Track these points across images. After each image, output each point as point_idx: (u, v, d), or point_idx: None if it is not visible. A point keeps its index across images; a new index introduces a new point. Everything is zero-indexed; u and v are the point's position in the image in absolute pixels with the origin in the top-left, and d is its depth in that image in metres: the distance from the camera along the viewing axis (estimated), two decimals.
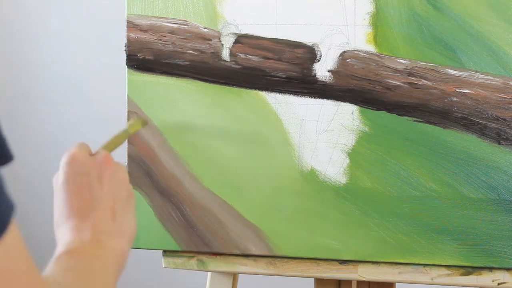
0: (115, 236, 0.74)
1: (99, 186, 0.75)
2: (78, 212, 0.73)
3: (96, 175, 0.75)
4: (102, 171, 0.76)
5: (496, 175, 0.92)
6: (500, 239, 0.92)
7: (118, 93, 1.33)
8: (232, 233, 0.98)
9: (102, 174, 0.76)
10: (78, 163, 0.75)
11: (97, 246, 0.71)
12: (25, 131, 1.88)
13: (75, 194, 0.73)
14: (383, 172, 0.94)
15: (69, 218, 0.72)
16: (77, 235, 0.71)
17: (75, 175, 0.74)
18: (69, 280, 0.65)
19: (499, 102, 0.91)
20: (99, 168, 0.76)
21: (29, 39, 1.86)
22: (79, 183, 0.74)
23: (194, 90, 0.98)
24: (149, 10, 0.98)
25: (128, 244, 0.76)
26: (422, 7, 0.92)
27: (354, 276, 0.97)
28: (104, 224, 0.73)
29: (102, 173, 0.76)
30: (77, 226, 0.72)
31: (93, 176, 0.75)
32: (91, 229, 0.72)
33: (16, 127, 1.87)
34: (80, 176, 0.74)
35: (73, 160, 0.75)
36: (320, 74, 0.95)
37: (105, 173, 0.76)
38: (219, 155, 0.98)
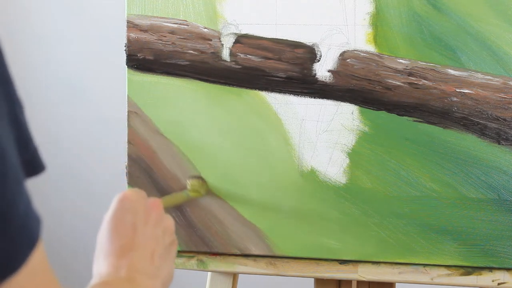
0: (150, 278, 0.74)
1: (143, 227, 0.76)
2: (118, 250, 0.74)
3: (142, 216, 0.76)
4: (149, 214, 0.77)
5: (496, 175, 0.92)
6: (500, 239, 0.92)
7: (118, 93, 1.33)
8: (232, 233, 0.98)
9: (149, 216, 0.77)
10: (128, 201, 0.76)
11: (131, 282, 0.72)
12: None
13: (119, 231, 0.74)
14: (383, 172, 0.94)
15: (109, 255, 0.73)
16: (113, 272, 0.72)
17: (123, 211, 0.75)
18: None
19: (499, 102, 0.91)
20: (147, 211, 0.77)
21: (29, 39, 1.86)
22: (125, 220, 0.75)
23: (194, 90, 0.98)
24: (149, 10, 0.98)
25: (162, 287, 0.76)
26: (422, 7, 0.92)
27: (354, 276, 0.97)
28: (142, 264, 0.74)
29: (149, 216, 0.77)
30: (114, 264, 0.73)
31: (139, 216, 0.76)
32: (127, 267, 0.72)
33: None
34: (127, 213, 0.75)
35: (124, 198, 0.76)
36: (320, 74, 0.95)
37: (152, 216, 0.77)
38: (219, 155, 0.98)
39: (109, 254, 0.73)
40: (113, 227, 0.74)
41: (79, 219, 1.94)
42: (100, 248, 0.74)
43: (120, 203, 0.76)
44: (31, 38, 1.86)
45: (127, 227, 0.74)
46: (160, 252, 0.77)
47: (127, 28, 0.98)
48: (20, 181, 0.49)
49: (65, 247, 1.96)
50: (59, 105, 1.88)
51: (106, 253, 0.73)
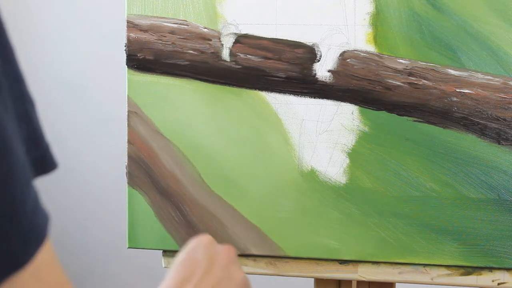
0: None
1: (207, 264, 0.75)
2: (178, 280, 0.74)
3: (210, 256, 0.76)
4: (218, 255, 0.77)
5: (496, 175, 0.92)
6: (500, 239, 0.92)
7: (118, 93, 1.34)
8: (232, 233, 0.98)
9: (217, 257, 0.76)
10: (200, 241, 0.76)
11: None
12: None
13: (184, 265, 0.74)
14: (383, 172, 0.94)
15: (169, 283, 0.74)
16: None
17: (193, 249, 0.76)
18: None
19: (499, 102, 0.91)
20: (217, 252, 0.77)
21: (29, 39, 1.86)
22: (192, 256, 0.75)
23: (194, 90, 0.98)
24: (149, 10, 0.98)
25: None
26: (422, 7, 0.92)
27: (354, 276, 0.97)
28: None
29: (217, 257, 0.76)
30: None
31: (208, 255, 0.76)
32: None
33: None
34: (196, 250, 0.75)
35: (198, 238, 0.76)
36: (320, 74, 0.95)
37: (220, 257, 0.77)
38: (219, 155, 0.98)
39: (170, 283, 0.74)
40: (181, 262, 0.75)
41: (79, 218, 1.94)
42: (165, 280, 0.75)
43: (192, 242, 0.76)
44: (31, 38, 1.86)
45: (193, 263, 0.75)
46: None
47: (127, 28, 0.98)
48: (28, 179, 0.49)
49: (65, 246, 1.96)
50: (59, 105, 1.88)
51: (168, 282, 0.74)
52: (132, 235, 1.00)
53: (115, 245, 1.91)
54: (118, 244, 1.74)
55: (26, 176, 0.49)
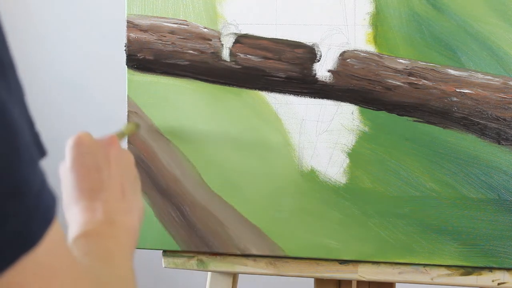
0: (126, 214, 0.74)
1: (106, 166, 0.75)
2: (87, 193, 0.73)
3: (103, 156, 0.75)
4: (109, 151, 0.76)
5: (496, 175, 0.92)
6: (500, 239, 0.92)
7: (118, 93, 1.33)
8: (232, 233, 0.98)
9: (109, 154, 0.76)
10: (84, 145, 0.75)
11: (111, 225, 0.71)
12: None
13: (83, 175, 0.73)
14: (383, 172, 0.94)
15: (79, 199, 0.73)
16: (89, 216, 0.71)
17: (81, 156, 0.74)
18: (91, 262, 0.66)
19: (499, 102, 0.91)
20: (106, 149, 0.76)
21: (29, 39, 1.86)
22: (86, 164, 0.74)
23: (194, 90, 0.98)
24: (149, 10, 0.98)
25: (138, 221, 0.76)
26: (422, 7, 0.92)
27: (354, 276, 0.97)
28: (115, 203, 0.73)
29: (109, 154, 0.76)
30: (88, 207, 0.72)
31: (100, 157, 0.75)
32: (102, 209, 0.72)
33: None
34: (87, 156, 0.74)
35: (79, 142, 0.75)
36: (320, 74, 0.95)
37: (111, 153, 0.76)
38: (219, 155, 0.98)
39: (80, 197, 0.72)
40: (76, 172, 0.73)
41: None
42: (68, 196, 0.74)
43: (76, 148, 0.75)
44: (31, 38, 1.86)
45: (90, 169, 0.74)
46: (128, 187, 0.76)
47: (127, 28, 0.98)
48: (34, 159, 0.49)
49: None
50: (59, 105, 1.88)
51: (77, 197, 0.72)
52: None
53: None
54: None
55: (31, 156, 0.49)
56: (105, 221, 0.71)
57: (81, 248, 0.68)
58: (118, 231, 0.72)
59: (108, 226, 0.71)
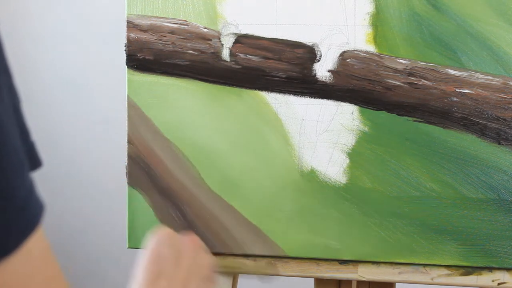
0: None
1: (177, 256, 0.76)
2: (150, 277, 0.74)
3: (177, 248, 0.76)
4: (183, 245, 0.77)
5: (496, 175, 0.92)
6: (500, 239, 0.92)
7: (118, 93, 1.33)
8: (232, 233, 0.98)
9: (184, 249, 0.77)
10: (162, 235, 0.76)
11: None
12: None
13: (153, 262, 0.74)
14: (383, 172, 0.94)
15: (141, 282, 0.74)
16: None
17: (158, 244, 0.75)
18: None
19: (499, 102, 0.91)
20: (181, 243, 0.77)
21: (29, 39, 1.86)
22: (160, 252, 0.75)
23: (194, 90, 0.98)
24: (149, 10, 0.98)
25: None
26: (422, 7, 0.92)
27: (354, 276, 0.97)
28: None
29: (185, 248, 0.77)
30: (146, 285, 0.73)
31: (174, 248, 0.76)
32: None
33: None
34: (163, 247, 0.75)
35: (159, 233, 0.77)
36: (320, 74, 0.95)
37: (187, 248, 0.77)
38: (219, 155, 0.98)
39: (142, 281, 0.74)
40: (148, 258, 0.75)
41: (79, 218, 1.94)
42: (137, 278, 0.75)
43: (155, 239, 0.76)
44: (31, 38, 1.86)
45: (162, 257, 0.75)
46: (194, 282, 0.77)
47: (127, 28, 0.98)
48: (22, 166, 0.49)
49: (65, 246, 1.96)
50: (59, 105, 1.88)
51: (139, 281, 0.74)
52: (132, 235, 1.00)
53: (115, 245, 1.91)
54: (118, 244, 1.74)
55: (20, 163, 0.49)
56: None
57: None
58: None
59: None
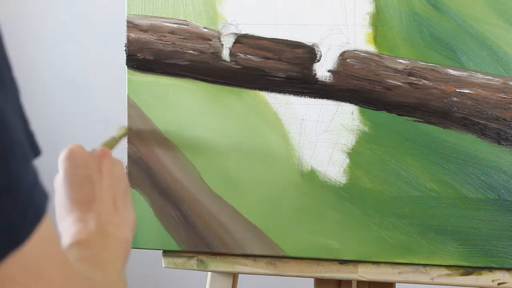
0: (119, 226, 0.75)
1: (98, 178, 0.75)
2: (80, 204, 0.73)
3: (95, 168, 0.76)
4: (101, 164, 0.77)
5: (496, 175, 0.92)
6: (500, 239, 0.92)
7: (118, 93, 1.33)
8: (232, 233, 0.98)
9: (101, 166, 0.77)
10: (76, 157, 0.76)
11: (103, 236, 0.72)
12: None
13: (76, 187, 0.74)
14: (383, 172, 0.94)
15: (72, 210, 0.73)
16: (82, 226, 0.72)
17: (74, 168, 0.75)
18: (84, 268, 0.66)
19: (499, 102, 0.91)
20: (98, 161, 0.77)
21: (29, 39, 1.86)
22: (78, 176, 0.75)
23: (194, 90, 0.98)
24: (149, 10, 0.98)
25: (131, 233, 0.77)
26: (422, 7, 0.92)
27: (354, 276, 0.97)
28: (107, 214, 0.74)
29: (101, 166, 0.77)
30: (81, 218, 0.72)
31: (92, 169, 0.76)
32: (95, 220, 0.72)
33: None
34: (79, 168, 0.75)
35: (71, 155, 0.76)
36: (320, 74, 0.95)
37: (104, 166, 0.77)
38: (219, 155, 0.98)
39: (72, 208, 0.73)
40: (69, 183, 0.74)
41: None
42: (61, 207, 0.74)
43: (68, 161, 0.75)
44: (31, 38, 1.86)
45: (83, 181, 0.74)
46: (120, 199, 0.77)
47: (127, 28, 0.98)
48: (26, 156, 0.49)
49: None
50: (59, 105, 1.88)
51: (69, 208, 0.73)
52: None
53: None
54: None
55: (24, 153, 0.49)
56: (97, 232, 0.72)
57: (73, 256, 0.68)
58: (110, 242, 0.73)
59: (100, 237, 0.72)
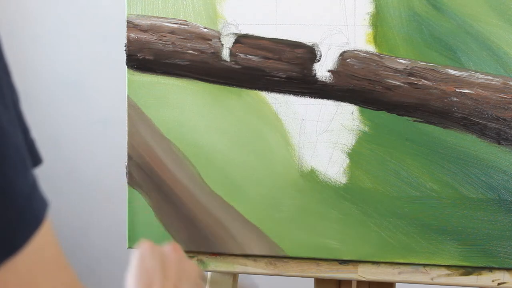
0: None
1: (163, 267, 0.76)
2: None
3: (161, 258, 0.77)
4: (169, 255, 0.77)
5: (496, 175, 0.92)
6: (500, 239, 0.92)
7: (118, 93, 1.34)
8: (232, 233, 0.98)
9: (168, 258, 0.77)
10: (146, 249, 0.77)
11: None
12: None
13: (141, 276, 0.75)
14: (383, 172, 0.94)
15: None
16: None
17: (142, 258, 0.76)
18: None
19: (499, 102, 0.91)
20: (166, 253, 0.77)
21: (29, 39, 1.86)
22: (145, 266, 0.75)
23: (194, 90, 0.98)
24: (149, 10, 0.98)
25: None
26: (422, 7, 0.92)
27: (354, 276, 0.97)
28: None
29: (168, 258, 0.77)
30: None
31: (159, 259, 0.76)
32: None
33: None
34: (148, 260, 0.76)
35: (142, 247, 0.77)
36: (320, 74, 0.95)
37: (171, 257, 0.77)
38: (219, 155, 0.98)
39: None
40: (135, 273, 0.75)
41: (79, 218, 1.94)
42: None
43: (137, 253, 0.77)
44: (31, 38, 1.86)
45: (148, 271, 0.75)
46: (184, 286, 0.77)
47: (127, 28, 0.98)
48: (24, 163, 0.49)
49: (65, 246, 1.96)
50: (59, 105, 1.88)
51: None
52: (132, 235, 1.00)
53: (115, 245, 1.91)
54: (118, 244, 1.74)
55: (21, 159, 0.49)
56: None
57: None
58: None
59: None
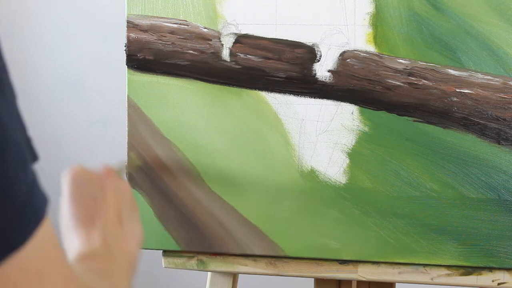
0: (123, 240, 0.76)
1: (102, 195, 0.77)
2: (84, 221, 0.74)
3: (98, 186, 0.77)
4: (104, 181, 0.78)
5: (496, 175, 0.92)
6: (500, 239, 0.92)
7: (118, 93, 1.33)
8: (232, 233, 0.98)
9: (105, 184, 0.78)
10: (79, 177, 0.77)
11: (108, 250, 0.73)
12: None
13: (79, 205, 0.75)
14: (383, 172, 0.94)
15: (76, 227, 0.74)
16: (86, 242, 0.73)
17: (77, 187, 0.76)
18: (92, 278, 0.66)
19: (499, 102, 0.91)
20: (101, 180, 0.78)
21: (29, 39, 1.86)
22: (82, 194, 0.76)
23: (194, 90, 0.98)
24: (149, 10, 0.98)
25: (137, 246, 0.78)
26: (422, 7, 0.92)
27: (354, 276, 0.97)
28: (112, 230, 0.75)
29: (105, 184, 0.78)
30: (85, 234, 0.73)
31: (95, 187, 0.77)
32: (99, 234, 0.73)
33: None
34: (83, 187, 0.76)
35: (74, 175, 0.77)
36: (320, 74, 0.95)
37: (107, 183, 0.78)
38: (219, 155, 0.98)
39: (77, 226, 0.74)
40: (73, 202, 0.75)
41: None
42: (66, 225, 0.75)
43: (72, 180, 0.76)
44: (31, 38, 1.86)
45: (87, 199, 0.75)
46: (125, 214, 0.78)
47: (127, 28, 0.98)
48: (24, 159, 0.49)
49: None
50: (59, 105, 1.88)
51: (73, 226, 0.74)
52: None
53: None
54: None
55: (21, 156, 0.49)
56: (102, 246, 0.73)
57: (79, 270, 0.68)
58: (115, 255, 0.73)
59: (104, 250, 0.73)
